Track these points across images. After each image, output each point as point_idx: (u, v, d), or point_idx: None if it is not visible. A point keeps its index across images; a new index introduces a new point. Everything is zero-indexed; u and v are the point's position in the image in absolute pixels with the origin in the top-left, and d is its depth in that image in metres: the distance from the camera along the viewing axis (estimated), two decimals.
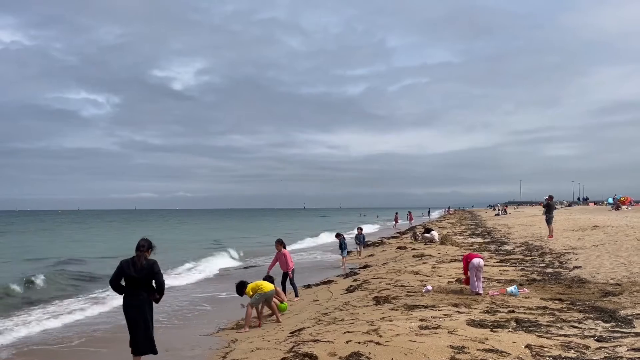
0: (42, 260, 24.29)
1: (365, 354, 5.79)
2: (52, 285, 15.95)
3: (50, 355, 8.35)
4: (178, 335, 8.94)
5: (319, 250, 27.28)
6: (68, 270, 19.80)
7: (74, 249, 31.17)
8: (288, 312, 9.85)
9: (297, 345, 6.62)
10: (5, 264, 23.31)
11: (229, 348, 7.48)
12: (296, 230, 52.83)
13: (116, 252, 22.79)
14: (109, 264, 19.07)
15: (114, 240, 39.21)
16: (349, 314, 8.47)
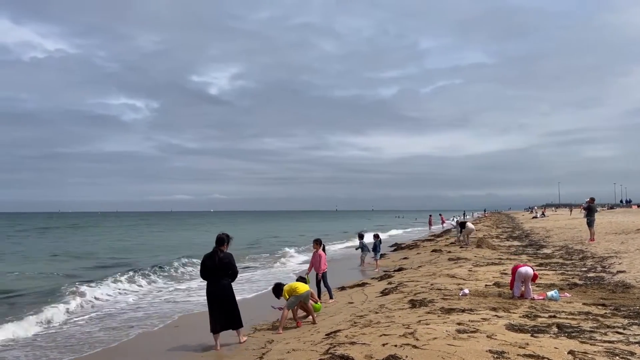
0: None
1: (402, 357, 5.74)
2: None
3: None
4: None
5: (352, 252, 27.19)
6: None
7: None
8: (323, 313, 9.85)
9: (333, 347, 6.61)
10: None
11: (265, 349, 7.53)
12: (330, 232, 52.89)
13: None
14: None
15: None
16: (385, 317, 8.42)
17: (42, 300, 13.18)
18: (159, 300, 14.05)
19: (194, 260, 21.21)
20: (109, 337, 9.62)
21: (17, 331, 9.93)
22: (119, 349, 8.81)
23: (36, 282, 17.25)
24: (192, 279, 17.98)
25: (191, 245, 34.64)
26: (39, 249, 33.88)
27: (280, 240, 40.29)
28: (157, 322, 10.95)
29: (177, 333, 9.81)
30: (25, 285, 16.69)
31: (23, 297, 14.25)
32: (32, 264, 24.08)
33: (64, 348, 8.89)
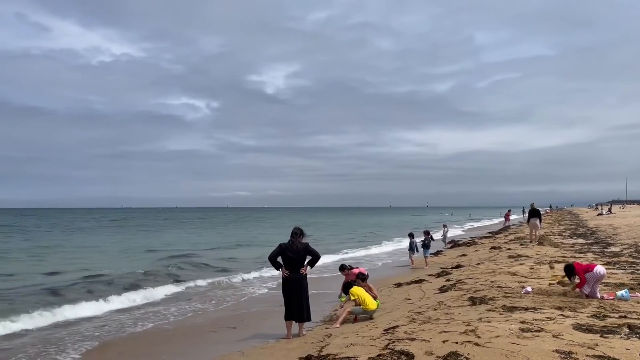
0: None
1: (464, 354, 5.66)
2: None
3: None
4: (278, 326, 9.24)
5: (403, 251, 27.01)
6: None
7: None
8: (380, 310, 9.84)
9: (392, 343, 6.60)
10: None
11: (324, 342, 7.61)
12: (383, 229, 52.69)
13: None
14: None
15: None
16: (444, 314, 8.31)
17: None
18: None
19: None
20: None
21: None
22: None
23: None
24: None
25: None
26: (163, 242, 35.73)
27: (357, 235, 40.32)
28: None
29: (259, 320, 10.10)
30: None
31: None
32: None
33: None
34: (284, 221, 77.93)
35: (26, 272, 19.09)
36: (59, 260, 23.64)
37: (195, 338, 9.31)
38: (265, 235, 42.18)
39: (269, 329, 9.46)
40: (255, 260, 22.47)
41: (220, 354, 7.79)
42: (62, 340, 9.23)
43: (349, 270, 11.89)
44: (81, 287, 15.36)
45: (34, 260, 24.13)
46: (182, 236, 44.28)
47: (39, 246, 32.39)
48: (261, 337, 8.84)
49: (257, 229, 58.59)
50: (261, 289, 15.27)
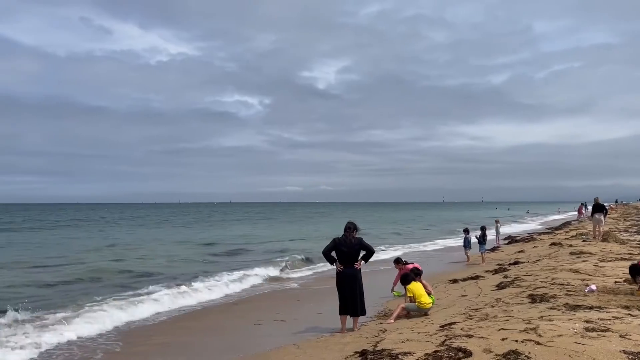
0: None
1: (525, 353, 5.49)
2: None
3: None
4: (331, 320, 9.29)
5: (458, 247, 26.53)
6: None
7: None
8: (436, 306, 9.70)
9: (448, 339, 6.50)
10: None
11: (378, 337, 7.59)
12: (437, 224, 51.89)
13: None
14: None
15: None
16: (502, 311, 8.10)
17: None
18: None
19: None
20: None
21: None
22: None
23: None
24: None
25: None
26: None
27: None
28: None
29: (311, 313, 10.23)
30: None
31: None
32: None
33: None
34: (337, 216, 78.26)
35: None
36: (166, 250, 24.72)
37: (243, 330, 9.48)
38: (318, 231, 42.45)
39: (322, 322, 9.51)
40: (306, 254, 22.69)
41: (274, 346, 7.91)
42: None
43: (404, 264, 11.78)
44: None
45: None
46: (244, 229, 45.42)
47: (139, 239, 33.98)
48: (314, 330, 8.91)
49: (310, 223, 59.07)
50: (311, 283, 15.40)
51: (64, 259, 21.62)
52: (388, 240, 31.93)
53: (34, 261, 20.86)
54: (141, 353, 8.12)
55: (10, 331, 9.10)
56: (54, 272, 17.56)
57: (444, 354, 5.85)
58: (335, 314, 8.81)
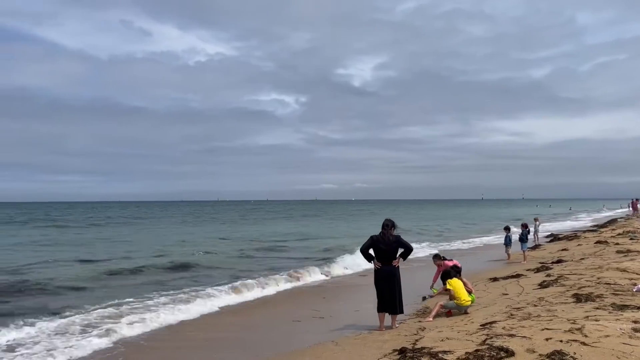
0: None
1: (570, 353, 5.35)
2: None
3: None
4: (369, 318, 9.28)
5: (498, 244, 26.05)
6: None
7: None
8: (476, 304, 9.54)
9: (489, 339, 6.39)
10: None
11: (417, 335, 7.52)
12: (475, 222, 51.02)
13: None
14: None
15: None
16: (545, 310, 7.90)
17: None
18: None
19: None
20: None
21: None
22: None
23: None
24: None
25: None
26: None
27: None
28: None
29: (349, 311, 10.26)
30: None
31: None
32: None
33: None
34: (374, 213, 77.97)
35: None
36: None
37: (281, 327, 9.55)
38: (359, 228, 42.39)
39: (359, 320, 9.50)
40: (343, 251, 22.71)
41: (312, 343, 7.94)
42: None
43: (443, 260, 11.65)
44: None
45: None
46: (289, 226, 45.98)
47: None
48: (352, 327, 8.90)
49: (348, 221, 59.05)
50: (350, 280, 15.40)
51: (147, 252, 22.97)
52: (425, 237, 31.62)
53: (117, 254, 22.43)
54: (180, 348, 8.28)
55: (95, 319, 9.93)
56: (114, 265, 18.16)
57: (485, 353, 5.75)
58: (373, 312, 8.79)
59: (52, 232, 40.51)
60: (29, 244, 28.73)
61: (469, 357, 5.74)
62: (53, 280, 14.89)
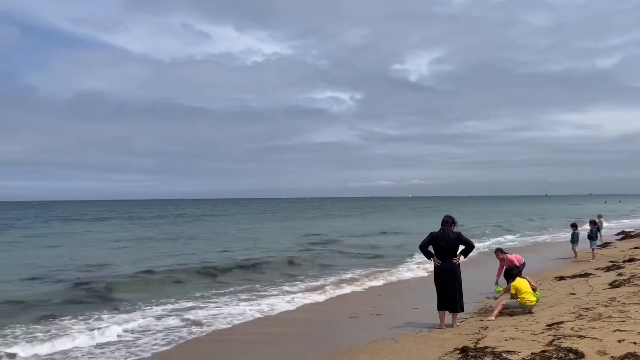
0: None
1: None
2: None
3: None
4: (428, 316, 9.14)
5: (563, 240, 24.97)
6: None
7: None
8: (541, 304, 9.19)
9: (557, 339, 6.15)
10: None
11: (479, 334, 7.34)
12: (538, 218, 49.19)
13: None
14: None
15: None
16: (617, 311, 7.51)
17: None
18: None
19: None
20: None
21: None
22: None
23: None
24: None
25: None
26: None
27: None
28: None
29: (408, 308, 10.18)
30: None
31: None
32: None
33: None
34: (433, 210, 76.78)
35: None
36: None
37: (339, 323, 9.55)
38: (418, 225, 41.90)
39: (419, 317, 9.36)
40: (403, 248, 22.52)
41: (371, 340, 7.90)
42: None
43: (505, 254, 11.29)
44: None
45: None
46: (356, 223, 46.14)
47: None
48: (412, 325, 8.78)
49: (406, 217, 58.44)
50: (409, 277, 15.23)
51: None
52: (486, 234, 30.81)
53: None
54: (243, 342, 8.46)
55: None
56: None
57: (552, 354, 5.54)
58: (432, 310, 8.64)
59: (155, 227, 43.90)
60: (146, 240, 30.96)
61: (535, 357, 5.55)
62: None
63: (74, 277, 15.77)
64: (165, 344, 8.40)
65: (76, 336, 8.66)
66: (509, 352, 5.87)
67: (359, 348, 7.47)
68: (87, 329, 9.15)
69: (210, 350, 8.03)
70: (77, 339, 8.52)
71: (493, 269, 12.15)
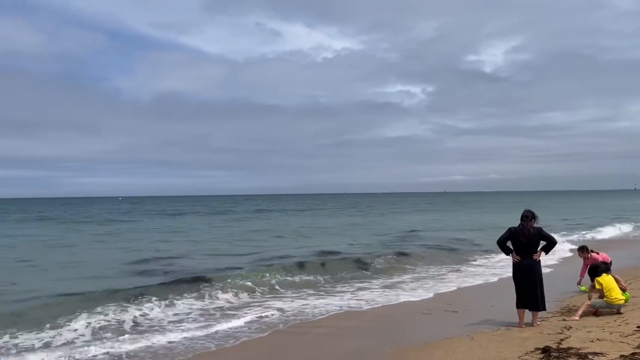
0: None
1: None
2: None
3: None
4: (506, 314, 8.84)
5: None
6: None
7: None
8: (631, 304, 8.64)
9: None
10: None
11: (562, 334, 7.00)
12: (627, 214, 46.03)
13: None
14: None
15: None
16: None
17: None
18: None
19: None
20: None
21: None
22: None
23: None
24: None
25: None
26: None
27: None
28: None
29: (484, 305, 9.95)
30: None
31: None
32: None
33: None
34: (509, 204, 74.06)
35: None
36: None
37: (413, 318, 9.45)
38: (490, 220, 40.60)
39: (496, 315, 9.06)
40: (479, 244, 21.90)
41: (445, 336, 7.75)
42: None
43: (590, 253, 10.69)
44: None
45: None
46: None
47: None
48: (489, 323, 8.52)
49: (482, 212, 56.70)
50: (483, 273, 14.78)
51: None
52: (569, 230, 29.28)
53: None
54: (323, 335, 8.57)
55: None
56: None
57: None
58: (509, 307, 8.34)
59: (261, 220, 46.41)
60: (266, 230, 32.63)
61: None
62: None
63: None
64: (255, 331, 8.75)
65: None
66: (596, 354, 5.58)
67: (434, 344, 7.36)
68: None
69: (285, 342, 8.19)
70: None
71: (576, 267, 11.58)
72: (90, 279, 14.08)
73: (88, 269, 16.35)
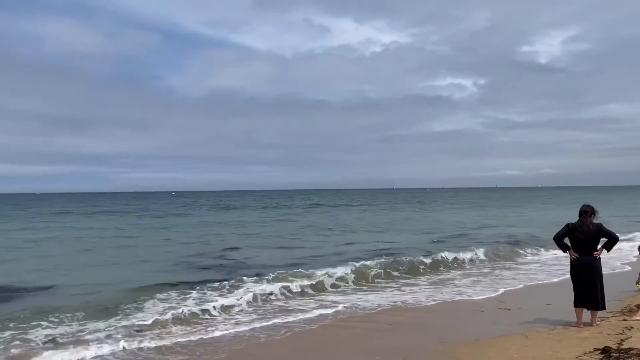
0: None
1: None
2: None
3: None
4: (562, 312, 8.62)
5: None
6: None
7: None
8: None
9: None
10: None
11: (623, 335, 6.77)
12: None
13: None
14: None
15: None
16: None
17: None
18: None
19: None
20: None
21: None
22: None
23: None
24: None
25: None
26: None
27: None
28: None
29: (539, 303, 9.76)
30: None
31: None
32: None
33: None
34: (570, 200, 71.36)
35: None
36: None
37: (465, 315, 9.32)
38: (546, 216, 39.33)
39: (551, 314, 8.81)
40: (534, 240, 21.35)
41: (499, 334, 7.63)
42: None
43: None
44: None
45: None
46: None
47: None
48: (544, 322, 8.30)
49: (538, 208, 54.94)
50: (542, 271, 14.39)
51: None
52: (632, 227, 27.94)
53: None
54: (371, 330, 8.63)
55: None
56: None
57: None
58: (566, 306, 8.11)
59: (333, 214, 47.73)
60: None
61: None
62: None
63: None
64: (306, 323, 8.95)
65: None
66: None
67: (487, 341, 7.25)
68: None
69: (333, 335, 8.25)
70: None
71: (638, 265, 11.11)
72: (158, 272, 14.79)
73: (156, 262, 17.18)
